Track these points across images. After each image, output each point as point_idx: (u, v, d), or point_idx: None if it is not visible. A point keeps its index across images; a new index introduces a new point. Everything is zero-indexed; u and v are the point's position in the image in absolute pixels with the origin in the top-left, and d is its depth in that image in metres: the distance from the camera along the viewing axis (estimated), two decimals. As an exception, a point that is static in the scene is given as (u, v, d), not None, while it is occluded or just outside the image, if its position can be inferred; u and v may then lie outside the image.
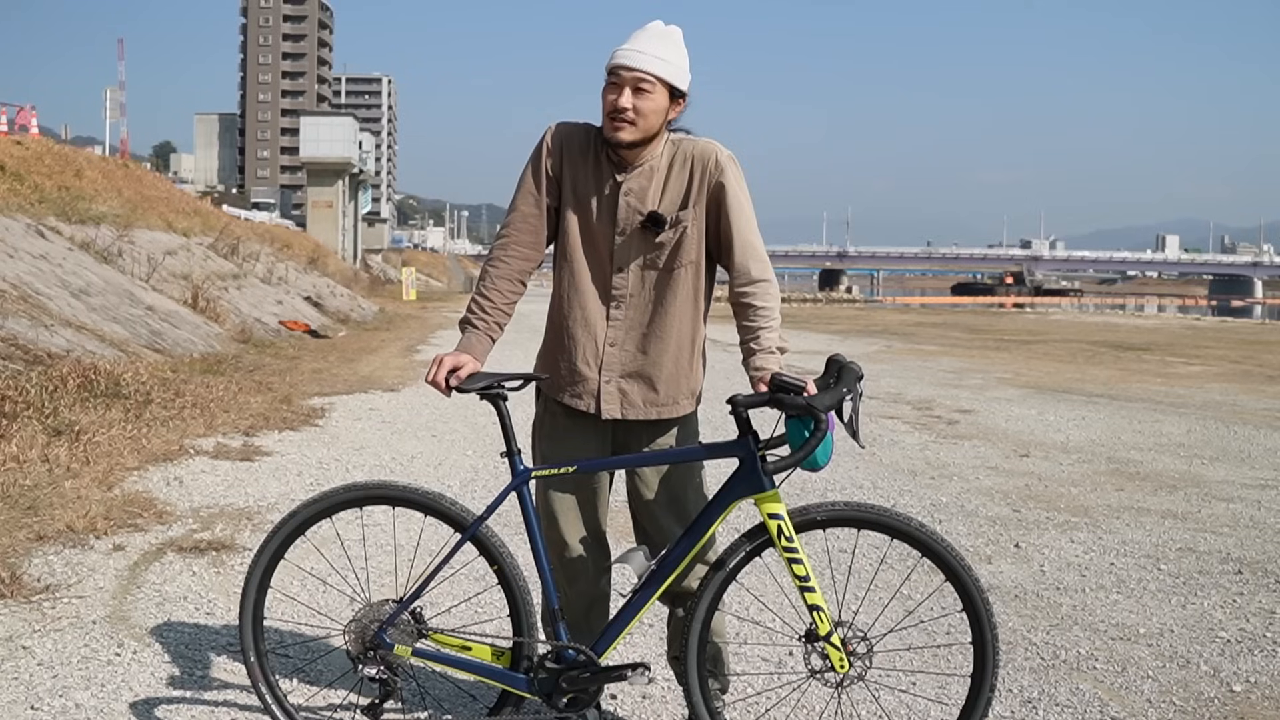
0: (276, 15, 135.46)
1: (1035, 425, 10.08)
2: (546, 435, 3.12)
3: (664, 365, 3.01)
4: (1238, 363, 17.89)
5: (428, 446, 8.33)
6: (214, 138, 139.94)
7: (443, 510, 2.92)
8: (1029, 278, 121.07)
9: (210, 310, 17.80)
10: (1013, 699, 3.63)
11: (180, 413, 8.69)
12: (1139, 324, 34.85)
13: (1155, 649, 4.14)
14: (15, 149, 24.17)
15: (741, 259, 2.94)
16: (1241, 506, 6.64)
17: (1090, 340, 23.98)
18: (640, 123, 2.87)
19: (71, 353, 10.21)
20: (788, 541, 2.72)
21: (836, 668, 2.74)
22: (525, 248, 3.04)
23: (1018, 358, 18.72)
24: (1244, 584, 5.01)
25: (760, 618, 4.21)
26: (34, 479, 6.02)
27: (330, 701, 3.46)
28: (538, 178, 3.02)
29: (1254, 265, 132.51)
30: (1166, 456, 8.43)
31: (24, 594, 4.32)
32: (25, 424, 7.13)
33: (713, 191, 2.95)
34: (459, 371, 2.89)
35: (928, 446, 8.77)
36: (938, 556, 2.73)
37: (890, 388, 13.23)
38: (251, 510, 5.96)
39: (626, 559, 2.79)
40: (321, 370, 13.77)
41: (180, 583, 4.64)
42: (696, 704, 2.83)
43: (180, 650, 3.86)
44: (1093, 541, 5.71)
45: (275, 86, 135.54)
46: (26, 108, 49.32)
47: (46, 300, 12.62)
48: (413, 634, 2.91)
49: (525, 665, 2.89)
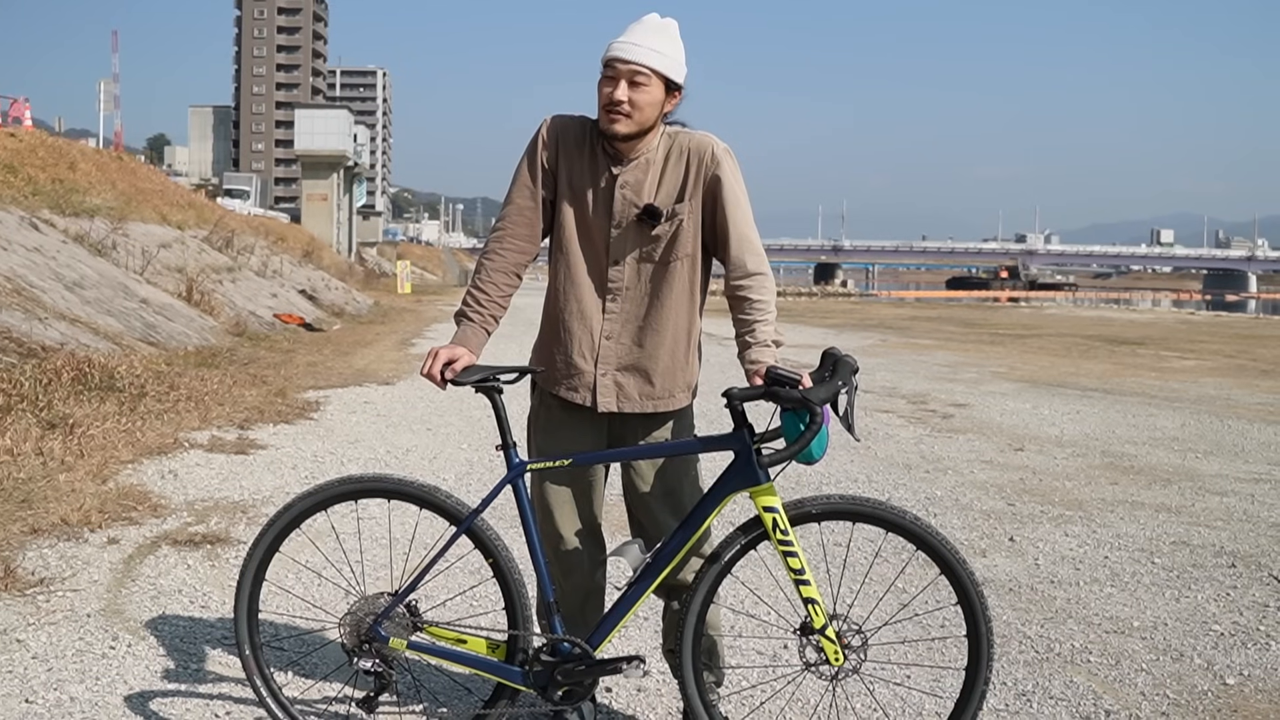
0: (271, 7, 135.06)
1: (1030, 419, 10.09)
2: (542, 428, 3.12)
3: (660, 358, 3.01)
4: (1232, 357, 17.92)
5: (423, 440, 8.32)
6: (208, 130, 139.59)
7: (438, 503, 2.92)
8: (1024, 272, 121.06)
9: (205, 303, 17.76)
10: (1007, 692, 3.64)
11: (175, 406, 8.68)
12: (1133, 318, 34.88)
13: (1149, 642, 4.15)
14: (9, 141, 24.12)
15: (737, 252, 2.93)
16: (1235, 500, 6.66)
17: (1085, 334, 24.02)
18: (636, 115, 2.86)
19: (66, 346, 10.19)
20: (783, 535, 2.72)
21: (831, 661, 2.75)
22: (521, 241, 3.03)
23: (1012, 352, 18.75)
24: (1238, 577, 5.02)
25: (755, 611, 4.22)
26: (28, 472, 6.01)
27: (325, 694, 3.46)
28: (533, 171, 3.01)
29: (1248, 260, 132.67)
30: (1161, 450, 8.45)
31: (18, 587, 4.32)
32: (19, 417, 7.12)
33: (709, 184, 2.94)
34: (454, 364, 2.88)
35: (922, 440, 8.79)
36: (932, 550, 2.74)
37: (885, 382, 13.24)
38: (246, 503, 5.95)
39: (621, 552, 2.80)
40: (316, 363, 13.75)
41: (175, 576, 4.64)
42: (691, 697, 2.83)
43: (175, 643, 3.86)
44: (1087, 535, 5.73)
45: (270, 79, 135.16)
46: (20, 100, 49.18)
47: (40, 293, 12.59)
48: (408, 627, 2.91)
49: (520, 658, 2.89)
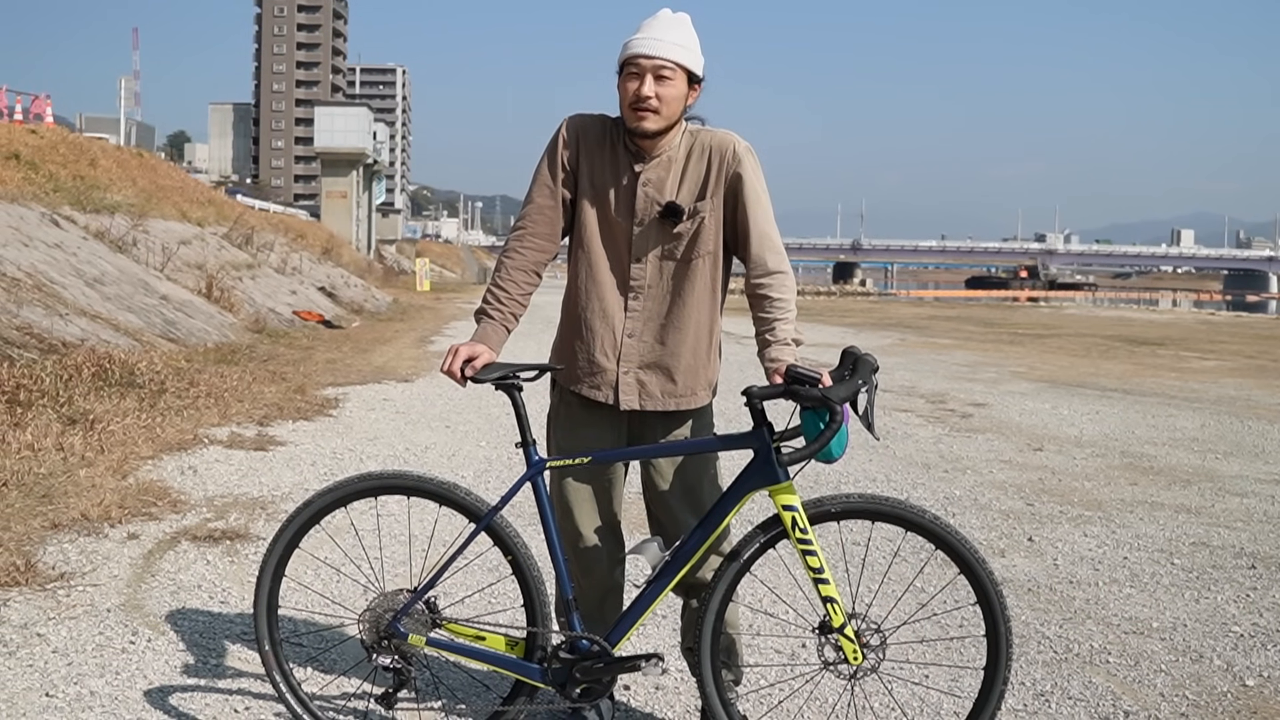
0: (291, 4, 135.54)
1: (1049, 419, 10.05)
2: (562, 426, 3.12)
3: (682, 356, 3.01)
4: (1252, 358, 17.80)
5: (441, 437, 8.34)
6: (228, 127, 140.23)
7: (457, 500, 2.92)
8: (1043, 271, 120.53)
9: (224, 300, 17.85)
10: (1025, 692, 3.63)
11: (194, 402, 8.73)
12: (1153, 318, 34.69)
13: (1168, 643, 4.13)
14: (30, 138, 24.29)
15: (758, 250, 2.93)
16: (1255, 501, 6.62)
17: (1104, 335, 23.89)
18: (664, 110, 2.87)
19: (86, 342, 10.26)
20: (802, 533, 2.71)
21: (850, 660, 2.74)
22: (541, 239, 3.03)
23: (1032, 352, 18.66)
24: (1257, 578, 4.99)
25: (774, 609, 4.22)
26: (49, 467, 6.06)
27: (344, 690, 3.47)
28: (553, 170, 3.02)
29: (1269, 260, 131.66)
30: (1180, 451, 8.40)
31: (39, 582, 4.35)
32: (40, 412, 7.18)
33: (730, 182, 2.94)
34: (474, 361, 2.88)
35: (941, 440, 8.76)
36: (951, 549, 2.73)
37: (904, 381, 13.21)
38: (265, 500, 5.98)
39: (641, 550, 2.79)
40: (335, 360, 13.80)
41: (194, 571, 4.66)
42: (710, 695, 2.83)
43: (194, 639, 3.88)
44: (1106, 535, 5.70)
45: (290, 76, 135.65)
46: (41, 96, 49.46)
47: (61, 289, 12.67)
48: (427, 623, 2.91)
49: (539, 655, 2.89)
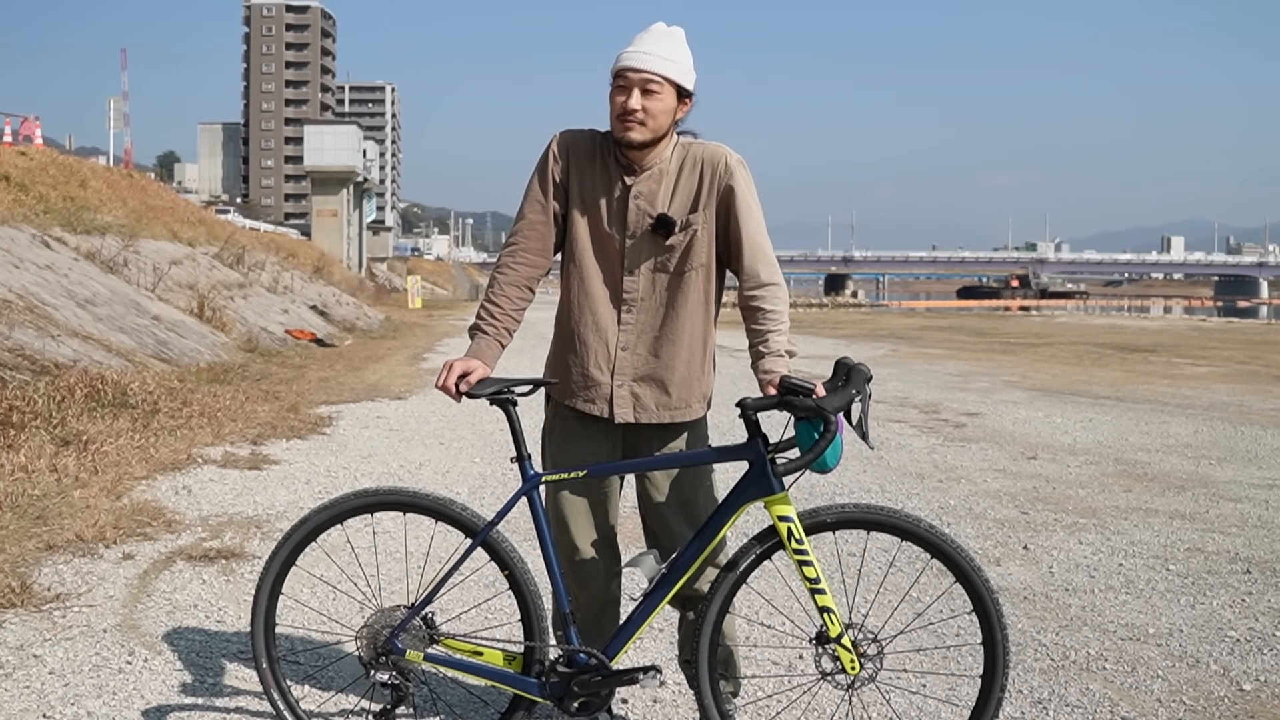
0: (279, 25, 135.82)
1: (1042, 427, 10.07)
2: (557, 440, 3.13)
3: (676, 368, 3.02)
4: (1244, 363, 17.87)
5: (436, 454, 8.34)
6: (218, 147, 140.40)
7: (453, 516, 2.93)
8: (1034, 280, 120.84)
9: (216, 319, 17.83)
10: (1023, 700, 3.63)
11: (188, 422, 8.72)
12: (1145, 325, 34.81)
13: (1165, 649, 4.13)
14: (20, 160, 24.30)
15: (751, 262, 2.94)
16: (1249, 506, 6.63)
17: (1096, 342, 23.97)
18: (650, 123, 2.88)
19: (78, 363, 10.24)
20: (798, 544, 2.72)
21: (847, 670, 2.74)
22: (533, 254, 3.04)
23: (1024, 360, 18.71)
24: (1253, 583, 5.00)
25: (771, 620, 4.22)
26: (43, 489, 6.04)
27: (342, 707, 3.47)
28: (544, 185, 3.03)
29: (1259, 266, 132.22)
30: (1174, 457, 8.42)
31: (34, 603, 4.33)
32: (33, 434, 7.15)
33: (722, 195, 2.96)
34: (469, 377, 2.89)
35: (935, 449, 8.77)
36: (947, 558, 2.74)
37: (897, 391, 13.23)
38: (260, 518, 5.97)
39: (637, 563, 2.80)
40: (328, 379, 13.79)
41: (190, 591, 4.65)
42: (708, 707, 2.83)
43: (191, 658, 3.87)
44: (1101, 542, 5.71)
45: (279, 96, 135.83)
46: (30, 118, 49.51)
47: (53, 310, 12.65)
48: (424, 639, 2.91)
49: (537, 669, 2.89)
